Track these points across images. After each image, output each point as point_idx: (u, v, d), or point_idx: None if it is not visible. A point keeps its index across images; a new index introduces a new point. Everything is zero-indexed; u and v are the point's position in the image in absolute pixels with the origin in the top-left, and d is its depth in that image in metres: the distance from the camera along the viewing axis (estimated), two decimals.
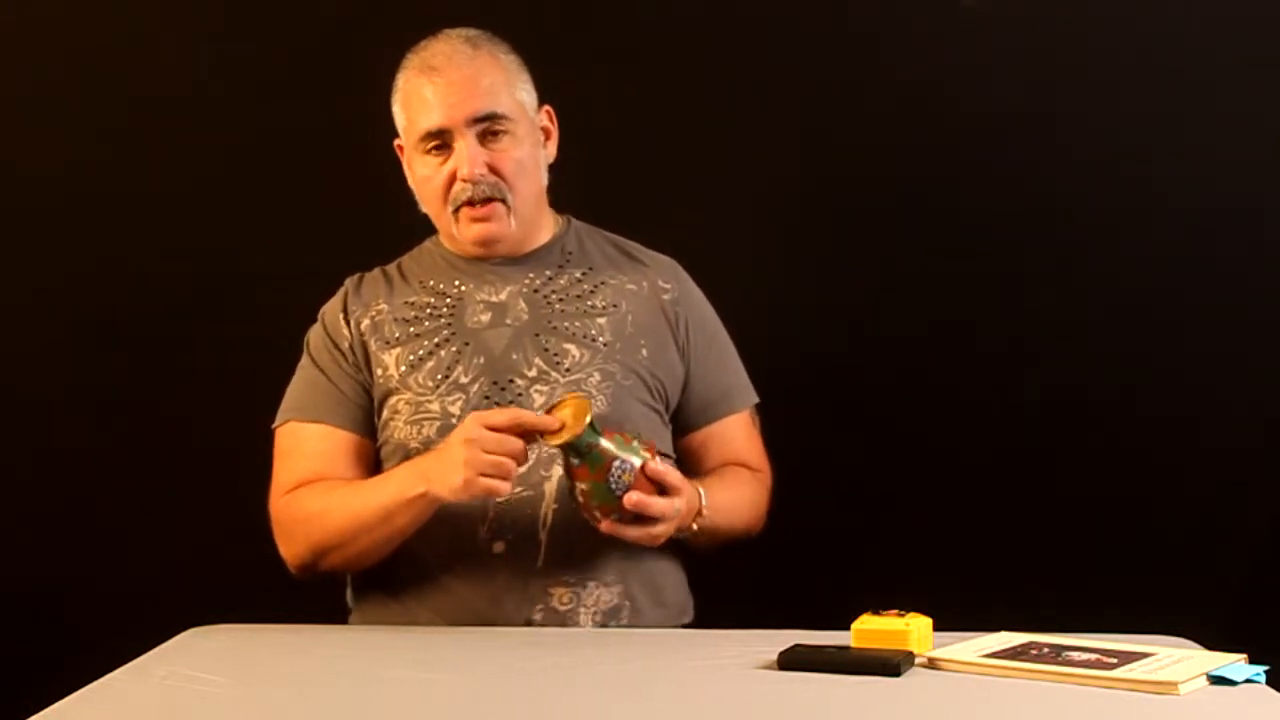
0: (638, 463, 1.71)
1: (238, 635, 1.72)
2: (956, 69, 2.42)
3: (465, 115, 1.87)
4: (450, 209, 1.91)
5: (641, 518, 1.72)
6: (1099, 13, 2.41)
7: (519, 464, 1.71)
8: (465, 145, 1.88)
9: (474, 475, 1.69)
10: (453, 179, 1.89)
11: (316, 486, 1.87)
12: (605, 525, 1.73)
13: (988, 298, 2.44)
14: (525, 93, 1.94)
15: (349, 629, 1.89)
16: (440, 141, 1.89)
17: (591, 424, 1.68)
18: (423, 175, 1.92)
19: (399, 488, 1.78)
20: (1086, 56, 2.41)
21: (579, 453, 1.70)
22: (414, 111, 1.91)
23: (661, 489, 1.73)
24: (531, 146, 1.93)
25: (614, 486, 1.70)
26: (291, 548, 1.87)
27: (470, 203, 1.89)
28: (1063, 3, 2.43)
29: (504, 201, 1.90)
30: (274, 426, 1.94)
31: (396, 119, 1.95)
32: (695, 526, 1.83)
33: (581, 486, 1.72)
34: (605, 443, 1.70)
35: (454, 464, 1.70)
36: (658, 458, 1.74)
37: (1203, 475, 2.40)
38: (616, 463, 1.70)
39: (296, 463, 1.90)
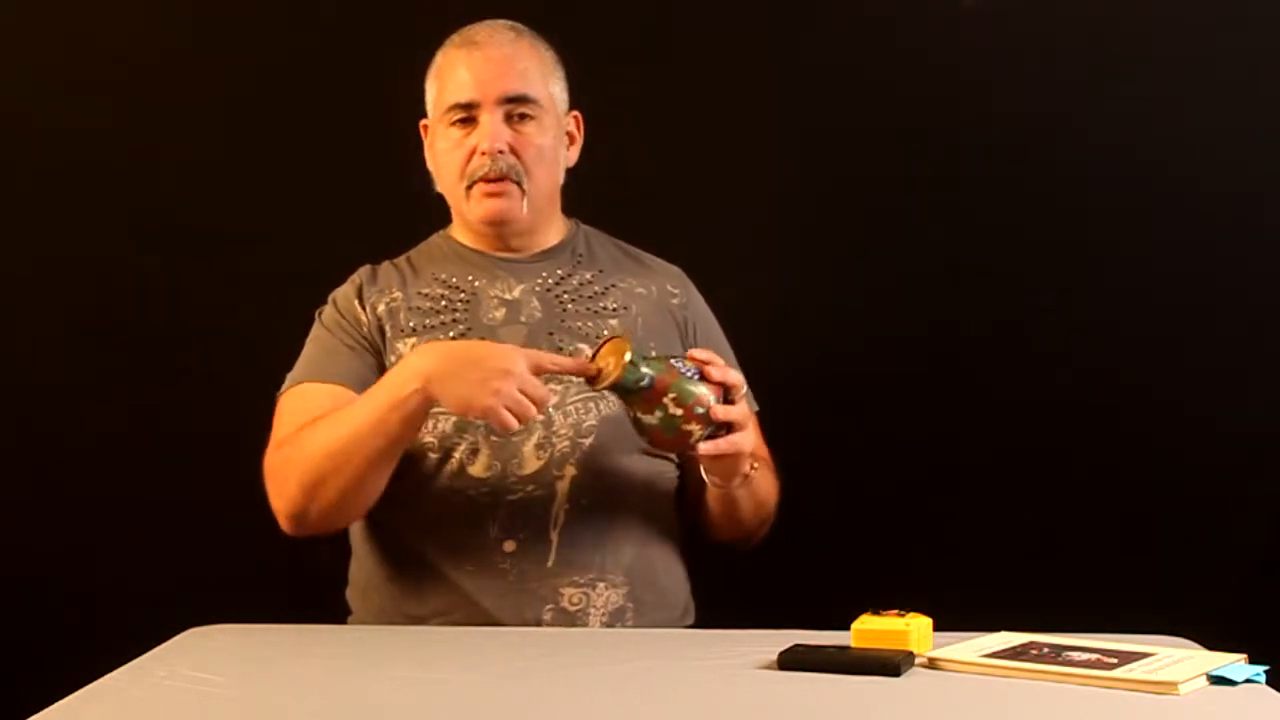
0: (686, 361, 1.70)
1: (238, 635, 1.72)
2: (960, 69, 2.42)
3: (497, 93, 1.89)
4: (465, 184, 1.91)
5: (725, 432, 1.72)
6: (1104, 9, 2.41)
7: (540, 410, 1.70)
8: (490, 120, 1.89)
9: (499, 406, 1.65)
10: (472, 154, 1.90)
11: (304, 424, 1.82)
12: (711, 434, 1.70)
13: (988, 299, 2.43)
14: (558, 88, 1.97)
15: (349, 629, 1.89)
16: (467, 115, 1.90)
17: (632, 359, 1.66)
18: (443, 148, 1.93)
19: (391, 389, 1.74)
20: (1093, 54, 2.41)
21: (638, 377, 1.66)
22: (445, 83, 1.93)
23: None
24: (554, 140, 1.95)
25: (689, 373, 1.69)
26: (282, 492, 1.81)
27: (485, 179, 1.90)
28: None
29: (519, 184, 1.90)
30: (280, 392, 1.89)
31: (427, 94, 1.97)
32: (754, 466, 1.81)
33: (670, 396, 1.67)
34: (651, 365, 1.67)
35: (480, 386, 1.66)
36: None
37: (1203, 475, 2.40)
38: (673, 361, 1.69)
39: (298, 418, 1.84)
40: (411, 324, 1.91)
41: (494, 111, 1.89)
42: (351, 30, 2.43)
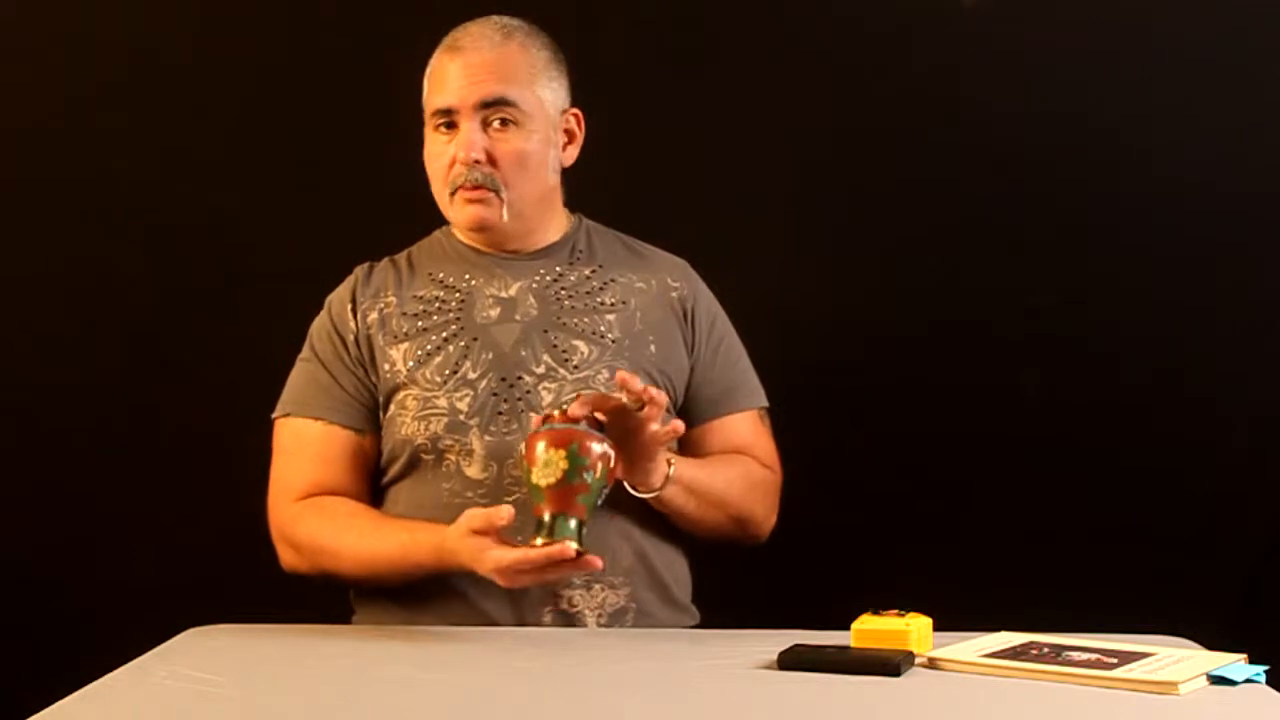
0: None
1: (238, 635, 1.72)
2: (960, 69, 2.42)
3: (474, 99, 1.88)
4: (448, 190, 1.92)
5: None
6: (1104, 9, 2.41)
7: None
8: (467, 128, 1.88)
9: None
10: (454, 161, 1.90)
11: (325, 511, 1.86)
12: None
13: (989, 300, 2.44)
14: (548, 90, 1.93)
15: (349, 629, 1.89)
16: (448, 120, 1.90)
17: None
18: (431, 153, 1.93)
19: (409, 555, 1.78)
20: (1093, 54, 2.41)
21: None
22: (432, 87, 1.93)
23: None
24: (540, 143, 1.92)
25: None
26: (296, 561, 1.88)
27: (464, 187, 1.90)
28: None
29: (496, 192, 1.90)
30: (274, 417, 1.94)
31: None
32: (669, 462, 1.77)
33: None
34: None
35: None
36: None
37: (1203, 475, 2.40)
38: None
39: (299, 465, 1.89)
40: (405, 329, 1.92)
41: (472, 118, 1.88)
42: (352, 30, 2.43)
